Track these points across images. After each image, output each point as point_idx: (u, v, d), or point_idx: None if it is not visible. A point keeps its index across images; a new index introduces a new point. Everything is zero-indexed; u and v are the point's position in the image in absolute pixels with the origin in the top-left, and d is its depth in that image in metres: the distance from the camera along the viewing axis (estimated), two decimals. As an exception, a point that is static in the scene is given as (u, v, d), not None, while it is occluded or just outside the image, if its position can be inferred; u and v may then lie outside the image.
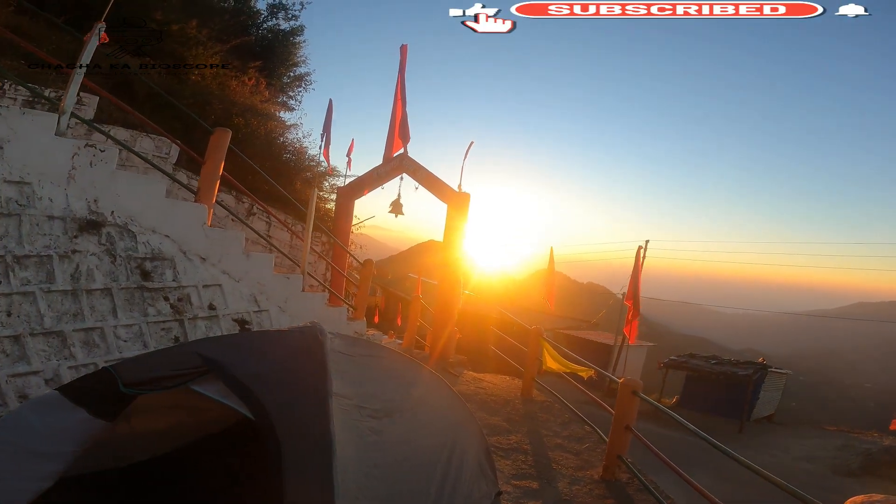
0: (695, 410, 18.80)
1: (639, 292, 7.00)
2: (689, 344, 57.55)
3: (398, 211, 9.39)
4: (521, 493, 4.45)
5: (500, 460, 5.04)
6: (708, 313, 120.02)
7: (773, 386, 19.87)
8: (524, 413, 6.60)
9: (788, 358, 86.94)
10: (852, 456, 13.71)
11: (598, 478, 4.87)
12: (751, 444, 15.39)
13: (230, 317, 5.74)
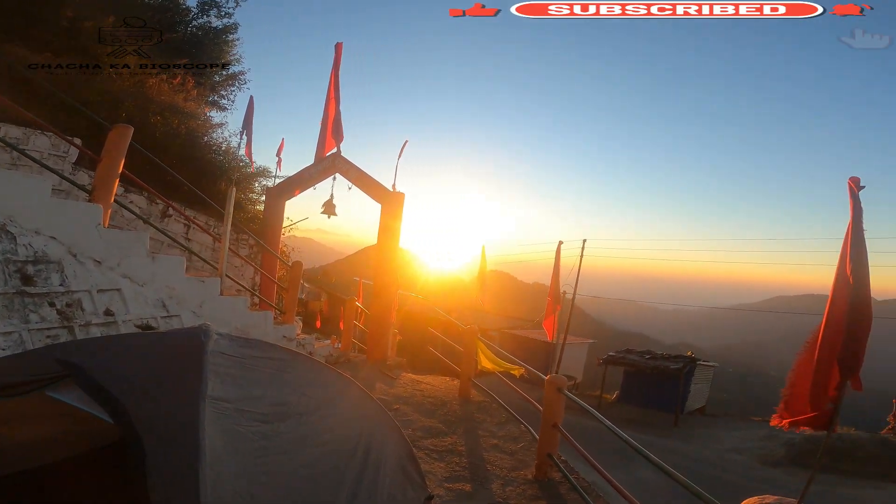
0: (633, 404, 19.33)
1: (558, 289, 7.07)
2: (628, 340, 60.14)
3: (331, 212, 9.14)
4: (453, 497, 4.31)
5: (435, 462, 4.89)
6: (644, 309, 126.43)
7: (702, 378, 20.73)
8: (461, 414, 6.44)
9: (716, 351, 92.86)
10: (777, 446, 14.53)
11: (531, 478, 4.78)
12: (687, 436, 15.97)
13: (132, 323, 5.22)
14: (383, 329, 8.72)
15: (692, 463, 12.80)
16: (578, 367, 24.31)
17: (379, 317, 8.79)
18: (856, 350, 2.08)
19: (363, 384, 7.02)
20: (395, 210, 8.66)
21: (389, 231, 8.66)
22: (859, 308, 2.05)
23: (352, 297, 10.19)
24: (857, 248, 2.06)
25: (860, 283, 2.04)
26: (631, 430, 17.04)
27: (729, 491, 10.76)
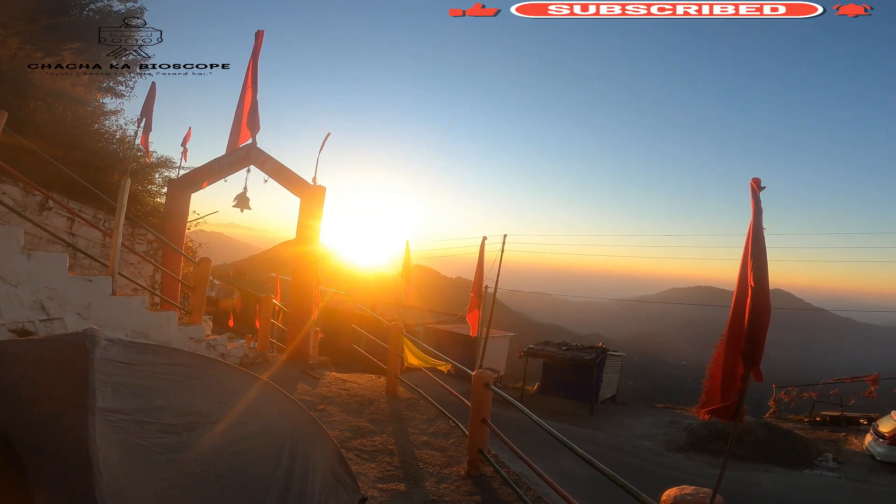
0: (553, 395, 20.01)
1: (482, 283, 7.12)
2: (545, 332, 63.00)
3: (244, 205, 8.55)
4: (387, 497, 4.18)
5: (366, 463, 4.74)
6: (558, 302, 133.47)
7: (612, 368, 21.80)
8: (389, 412, 6.27)
9: (623, 340, 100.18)
10: (679, 432, 15.64)
11: (464, 474, 4.73)
12: (602, 424, 16.88)
13: (6, 328, 4.46)
14: (303, 327, 8.32)
15: (608, 450, 13.54)
16: (501, 360, 24.90)
17: (298, 314, 8.36)
18: (756, 344, 2.17)
19: (284, 385, 6.59)
20: (315, 204, 8.30)
21: (309, 225, 8.30)
22: (759, 304, 2.15)
23: (268, 294, 9.59)
24: (757, 246, 2.15)
25: (760, 281, 2.13)
26: (552, 420, 17.69)
27: (642, 477, 11.57)
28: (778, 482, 11.95)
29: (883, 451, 13.92)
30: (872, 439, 14.60)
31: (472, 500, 4.35)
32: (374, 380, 7.77)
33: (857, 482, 12.45)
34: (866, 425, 16.67)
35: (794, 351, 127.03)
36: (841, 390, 18.90)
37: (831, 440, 16.17)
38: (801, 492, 11.30)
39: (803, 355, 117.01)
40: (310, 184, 8.32)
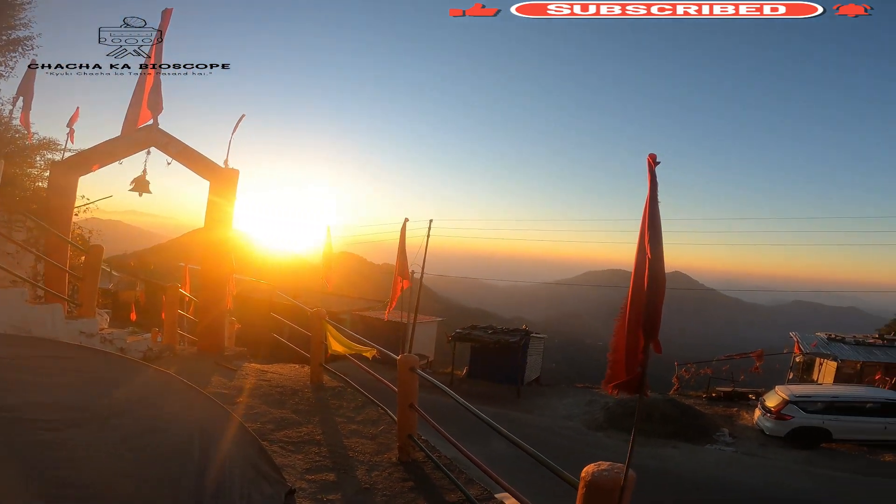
0: (481, 378, 20.11)
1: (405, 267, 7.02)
2: (472, 316, 64.34)
3: (143, 189, 7.79)
4: (317, 488, 4.03)
5: (292, 455, 4.54)
6: (485, 286, 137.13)
7: (535, 350, 22.28)
8: (315, 402, 6.01)
9: (544, 323, 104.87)
10: (598, 410, 16.36)
11: (395, 460, 4.65)
12: (529, 406, 17.33)
13: None
14: (216, 318, 7.77)
15: (536, 431, 13.94)
16: (430, 346, 24.99)
17: (210, 304, 7.78)
18: (654, 314, 2.19)
19: (196, 379, 6.06)
20: (226, 188, 7.77)
21: (220, 210, 7.75)
22: (656, 274, 2.17)
23: (174, 284, 8.81)
24: (653, 219, 2.16)
25: (656, 252, 2.16)
26: (481, 404, 17.93)
27: (568, 456, 12.06)
28: (684, 457, 12.60)
29: (770, 426, 14.44)
30: (761, 414, 15.07)
31: (404, 486, 4.28)
32: (298, 369, 7.42)
33: (751, 456, 13.09)
34: (755, 400, 17.38)
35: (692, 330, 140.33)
36: (731, 367, 19.99)
37: (726, 415, 16.94)
38: (704, 466, 11.95)
39: (699, 334, 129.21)
40: (220, 166, 7.77)
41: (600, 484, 2.23)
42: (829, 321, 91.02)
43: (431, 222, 21.27)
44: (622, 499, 2.21)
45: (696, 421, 15.30)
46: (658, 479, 10.68)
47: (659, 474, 11.00)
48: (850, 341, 18.84)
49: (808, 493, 9.99)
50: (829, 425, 13.81)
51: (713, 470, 11.58)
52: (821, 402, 14.18)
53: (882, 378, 17.14)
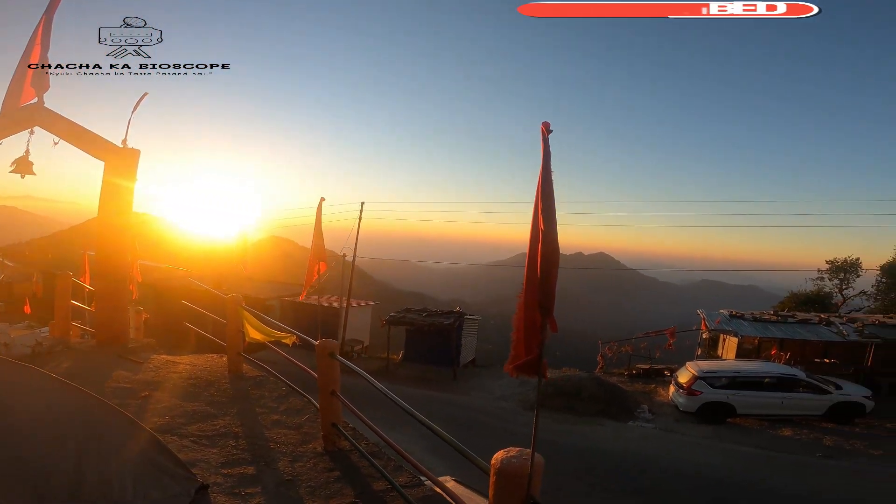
0: (417, 362, 20.03)
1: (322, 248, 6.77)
2: (409, 299, 64.34)
3: (26, 170, 7.04)
4: (234, 482, 3.80)
5: (205, 449, 4.27)
6: (421, 269, 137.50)
7: (470, 332, 22.34)
8: (233, 393, 5.64)
9: (482, 305, 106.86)
10: (530, 391, 16.62)
11: (320, 450, 4.48)
12: (465, 388, 17.45)
13: None
14: (117, 307, 7.17)
15: (472, 413, 14.10)
16: (365, 331, 24.59)
17: (110, 294, 7.17)
18: (549, 290, 2.11)
19: (95, 374, 5.48)
20: (124, 168, 7.25)
21: (116, 193, 7.18)
22: (549, 249, 2.09)
23: (65, 272, 8.01)
24: (546, 190, 2.08)
25: (549, 224, 2.08)
26: (417, 388, 17.91)
27: (500, 436, 12.00)
28: (608, 435, 13.07)
29: (683, 401, 14.69)
30: (675, 390, 15.34)
31: (330, 475, 4.11)
32: (215, 360, 6.96)
33: (669, 432, 13.59)
34: (669, 376, 17.65)
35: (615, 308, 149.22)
36: (648, 344, 20.78)
37: (645, 392, 17.46)
38: (626, 442, 12.40)
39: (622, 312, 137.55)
40: (116, 146, 7.18)
41: (508, 471, 2.21)
42: (732, 299, 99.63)
43: (363, 205, 20.81)
44: (531, 484, 2.18)
45: (620, 399, 15.71)
46: (587, 458, 11.11)
47: (587, 453, 11.42)
48: (749, 318, 19.61)
49: (718, 469, 10.57)
50: (733, 400, 14.22)
51: (636, 447, 12.05)
52: (725, 378, 14.51)
53: (777, 353, 18.11)
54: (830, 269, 28.37)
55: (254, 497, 3.65)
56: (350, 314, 21.80)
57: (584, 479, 9.78)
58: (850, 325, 17.65)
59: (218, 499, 3.52)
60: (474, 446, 2.59)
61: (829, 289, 28.58)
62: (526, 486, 2.16)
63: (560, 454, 11.21)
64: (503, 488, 2.24)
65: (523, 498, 2.18)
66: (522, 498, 2.18)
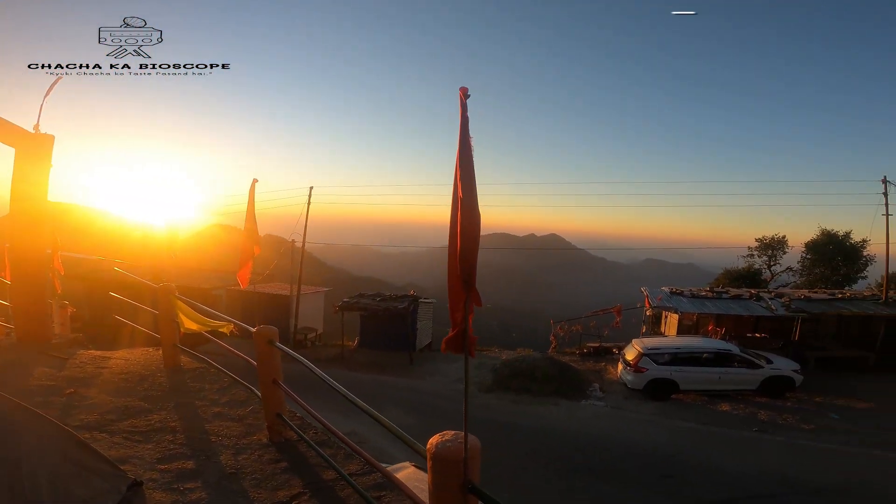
0: (373, 348, 19.84)
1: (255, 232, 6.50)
2: (363, 285, 63.61)
3: None
4: (172, 477, 3.64)
5: (138, 445, 4.09)
6: (376, 254, 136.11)
7: (425, 315, 22.27)
8: (170, 386, 5.36)
9: (437, 288, 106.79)
10: (486, 373, 16.69)
11: (266, 441, 4.34)
12: (421, 373, 17.33)
13: None
14: (36, 301, 6.68)
15: (429, 397, 14.06)
16: (318, 318, 24.10)
17: (27, 287, 6.66)
18: (470, 262, 2.02)
19: (15, 372, 5.04)
20: (37, 155, 6.76)
21: (29, 180, 6.67)
22: (468, 219, 2.00)
23: None
24: (465, 157, 1.99)
25: (468, 193, 1.99)
26: (373, 374, 17.71)
27: (458, 419, 12.33)
28: (563, 414, 13.28)
29: (631, 379, 14.93)
30: (623, 368, 15.58)
31: (276, 467, 3.98)
32: (150, 353, 6.61)
33: (618, 409, 13.88)
34: (618, 354, 17.99)
35: (567, 289, 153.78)
36: (598, 322, 21.11)
37: (596, 370, 17.78)
38: (580, 422, 12.66)
39: (573, 293, 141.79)
40: (27, 131, 6.67)
41: (443, 455, 2.18)
42: (673, 277, 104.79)
43: (311, 189, 20.20)
44: (467, 467, 2.16)
45: (573, 378, 15.89)
46: (542, 438, 11.38)
47: (543, 434, 11.66)
48: (688, 295, 20.17)
49: (666, 446, 11.00)
50: (676, 376, 14.54)
51: (589, 426, 12.34)
52: (668, 354, 14.78)
53: (714, 329, 18.82)
54: (759, 246, 30.11)
55: (193, 492, 3.50)
56: (302, 301, 21.28)
57: (541, 460, 10.02)
58: (777, 301, 18.54)
59: (154, 495, 3.36)
60: (432, 430, 2.54)
61: (759, 265, 30.44)
62: (462, 470, 2.13)
63: (518, 435, 11.50)
64: (440, 473, 2.21)
65: (461, 482, 2.15)
66: (460, 482, 2.15)
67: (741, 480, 9.18)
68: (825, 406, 13.95)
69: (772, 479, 9.19)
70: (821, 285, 26.54)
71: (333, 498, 3.66)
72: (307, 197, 20.03)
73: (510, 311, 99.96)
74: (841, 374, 16.69)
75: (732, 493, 8.62)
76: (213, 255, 28.17)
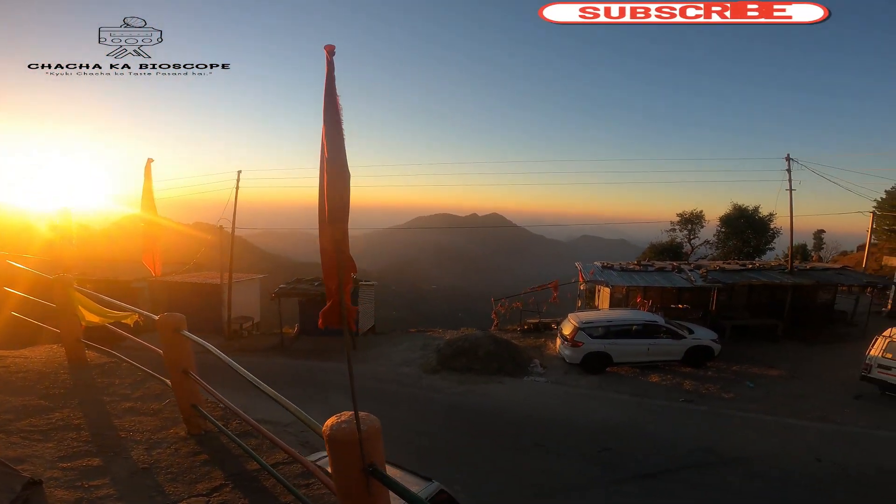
0: (313, 335, 19.39)
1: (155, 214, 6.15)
2: (305, 270, 61.73)
3: None
4: (77, 475, 3.48)
5: (37, 444, 3.89)
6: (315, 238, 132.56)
7: (367, 298, 21.88)
8: (74, 383, 5.04)
9: (382, 270, 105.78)
10: (431, 353, 16.60)
11: (185, 434, 4.19)
12: (364, 357, 16.99)
13: None
14: None
15: (373, 382, 13.97)
16: (254, 306, 23.23)
17: None
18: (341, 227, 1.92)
19: None
20: None
21: None
22: (335, 177, 1.87)
23: None
24: (331, 117, 1.88)
25: (335, 152, 1.87)
26: (316, 361, 17.26)
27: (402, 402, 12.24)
28: (506, 391, 13.47)
29: (569, 353, 15.12)
30: (561, 343, 15.76)
31: (196, 460, 3.86)
32: (53, 350, 6.16)
33: (559, 384, 14.05)
34: (556, 329, 18.14)
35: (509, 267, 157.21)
36: (536, 298, 21.30)
37: (536, 346, 17.83)
38: (523, 398, 12.88)
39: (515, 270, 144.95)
40: None
41: (338, 437, 2.12)
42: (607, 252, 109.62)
43: (240, 173, 19.27)
44: (364, 448, 2.09)
45: (515, 355, 15.99)
46: (488, 416, 11.60)
47: (488, 412, 11.89)
48: (618, 268, 20.75)
49: (605, 418, 11.42)
50: (609, 349, 14.85)
51: (532, 402, 12.61)
52: (601, 328, 15.06)
53: (642, 301, 19.60)
54: (680, 221, 32.33)
55: (100, 489, 3.35)
56: (235, 290, 20.43)
57: (488, 439, 10.22)
58: (696, 272, 19.65)
59: (56, 493, 3.21)
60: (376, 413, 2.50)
61: (680, 239, 32.67)
62: (359, 452, 2.07)
63: (465, 415, 11.69)
64: (337, 455, 2.15)
65: (360, 465, 2.08)
66: (359, 465, 2.08)
67: (673, 450, 9.66)
68: (742, 375, 14.65)
69: (700, 449, 9.73)
70: (734, 257, 28.77)
71: (258, 489, 3.60)
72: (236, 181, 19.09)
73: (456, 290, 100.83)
74: (754, 342, 17.62)
75: (666, 465, 9.06)
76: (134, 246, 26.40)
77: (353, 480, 2.13)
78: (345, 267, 1.98)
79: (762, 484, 8.52)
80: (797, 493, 8.28)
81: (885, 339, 12.53)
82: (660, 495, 8.16)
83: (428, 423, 11.09)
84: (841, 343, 17.49)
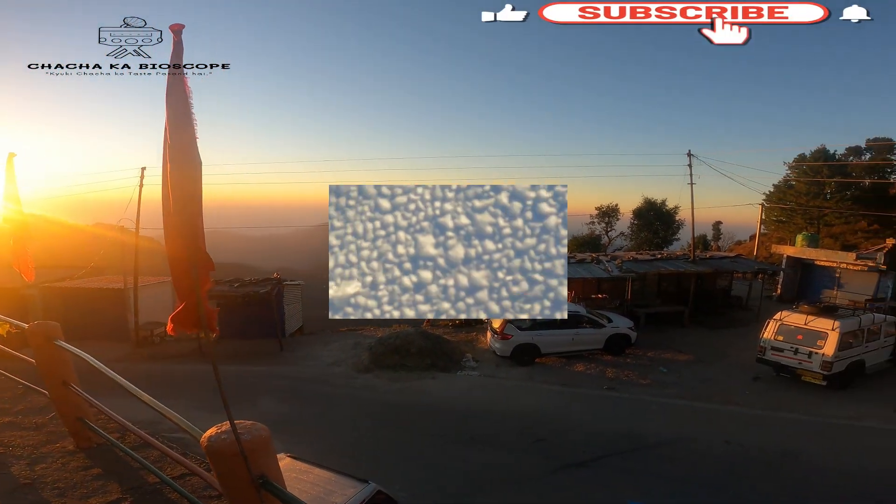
0: (237, 337, 18.34)
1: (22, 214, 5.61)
2: (228, 271, 58.30)
3: None
4: None
5: None
6: (241, 238, 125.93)
7: (293, 299, 21.11)
8: (-64, 403, 4.42)
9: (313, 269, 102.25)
10: (363, 352, 16.29)
11: (73, 448, 3.90)
12: (293, 359, 16.45)
13: None
14: None
15: (303, 383, 13.57)
16: (165, 311, 21.59)
17: None
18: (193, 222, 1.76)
19: None
20: None
21: None
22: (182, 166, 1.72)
23: None
24: (177, 98, 1.75)
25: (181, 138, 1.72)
26: (241, 365, 16.38)
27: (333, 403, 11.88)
28: (440, 387, 13.53)
29: (499, 346, 15.31)
30: (491, 336, 15.91)
31: (87, 474, 3.60)
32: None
33: (491, 378, 14.27)
34: (486, 323, 17.86)
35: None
36: None
37: (468, 340, 17.96)
38: (456, 393, 13.02)
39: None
40: None
41: (218, 449, 1.99)
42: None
43: (144, 170, 17.83)
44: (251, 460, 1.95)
45: (447, 350, 16.02)
46: (421, 412, 11.60)
47: (421, 408, 11.89)
48: None
49: (536, 410, 11.69)
50: (537, 340, 15.15)
51: (465, 396, 12.76)
52: (529, 319, 14.78)
53: None
54: (598, 214, 34.47)
55: (-30, 509, 3.02)
56: (143, 294, 18.90)
57: (425, 435, 10.22)
58: (612, 263, 20.77)
59: None
60: (308, 418, 2.36)
61: (599, 231, 34.78)
62: (244, 464, 1.92)
63: (398, 413, 11.61)
64: (220, 468, 2.02)
65: (247, 477, 1.94)
66: (247, 477, 1.94)
67: (600, 438, 10.12)
68: (656, 361, 15.48)
69: (624, 436, 10.23)
70: (645, 247, 31.03)
71: (161, 501, 3.40)
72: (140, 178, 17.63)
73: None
74: (665, 328, 18.80)
75: (595, 453, 9.46)
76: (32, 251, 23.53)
77: (242, 494, 2.00)
78: (200, 264, 1.81)
79: (681, 467, 9.01)
80: (713, 475, 8.78)
81: (776, 323, 13.41)
82: (592, 482, 8.49)
83: (362, 422, 10.95)
84: (738, 327, 18.99)
